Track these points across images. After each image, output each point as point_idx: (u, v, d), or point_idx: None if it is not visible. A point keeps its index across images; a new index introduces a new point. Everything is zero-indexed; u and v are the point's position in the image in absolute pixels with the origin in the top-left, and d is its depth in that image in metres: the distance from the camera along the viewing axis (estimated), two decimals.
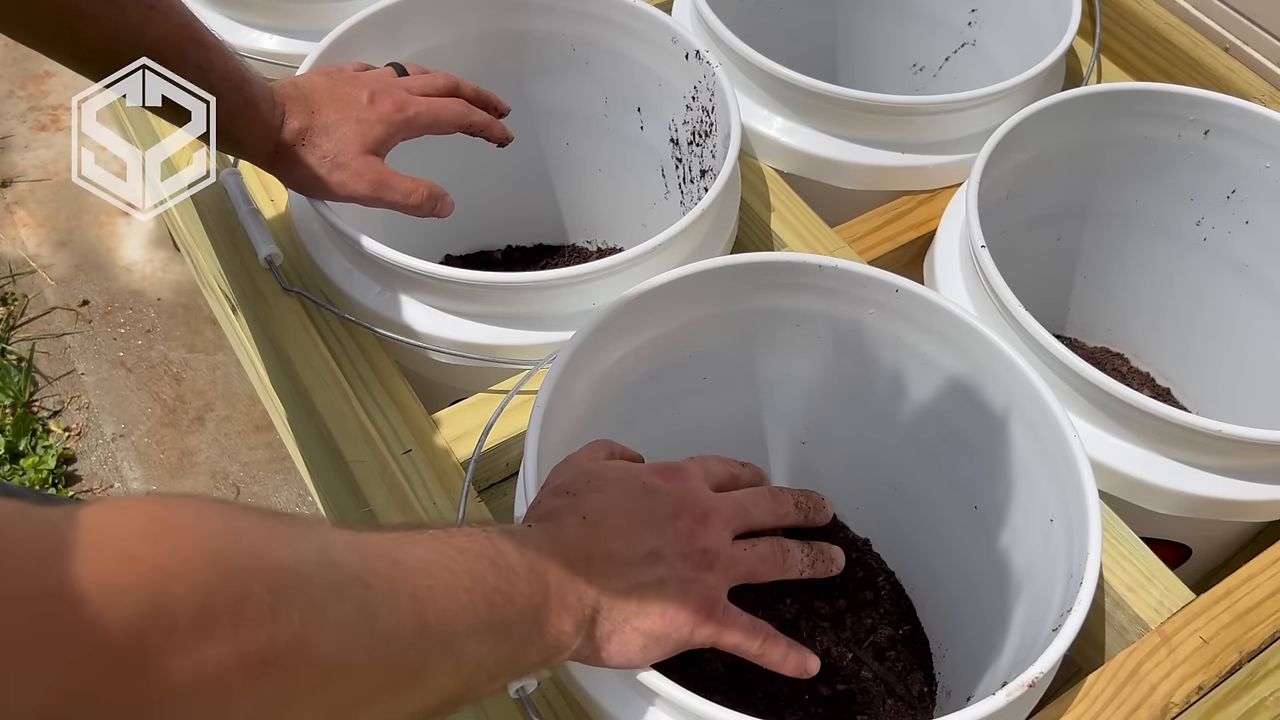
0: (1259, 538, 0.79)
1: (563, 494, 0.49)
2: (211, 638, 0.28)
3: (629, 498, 0.48)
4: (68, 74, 0.58)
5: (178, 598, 0.27)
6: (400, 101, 0.66)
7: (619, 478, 0.50)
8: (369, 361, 0.69)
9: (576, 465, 0.52)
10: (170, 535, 0.28)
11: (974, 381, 0.63)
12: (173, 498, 0.30)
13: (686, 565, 0.48)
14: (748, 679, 0.67)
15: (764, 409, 0.73)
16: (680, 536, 0.48)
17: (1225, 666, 0.58)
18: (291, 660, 0.30)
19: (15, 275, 1.48)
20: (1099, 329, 0.95)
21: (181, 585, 0.27)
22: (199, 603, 0.28)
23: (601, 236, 0.98)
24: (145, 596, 0.26)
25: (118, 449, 1.33)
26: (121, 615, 0.26)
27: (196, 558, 0.28)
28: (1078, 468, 0.55)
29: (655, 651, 0.46)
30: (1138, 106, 0.79)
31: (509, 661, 0.42)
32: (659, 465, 0.52)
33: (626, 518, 0.47)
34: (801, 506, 0.56)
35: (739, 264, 0.63)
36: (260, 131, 0.63)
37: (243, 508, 0.33)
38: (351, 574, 0.34)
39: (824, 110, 0.80)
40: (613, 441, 0.56)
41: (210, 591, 0.28)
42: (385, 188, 0.65)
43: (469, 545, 0.41)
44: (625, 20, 0.80)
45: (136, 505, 0.29)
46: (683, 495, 0.50)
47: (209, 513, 0.30)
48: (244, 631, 0.29)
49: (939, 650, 0.71)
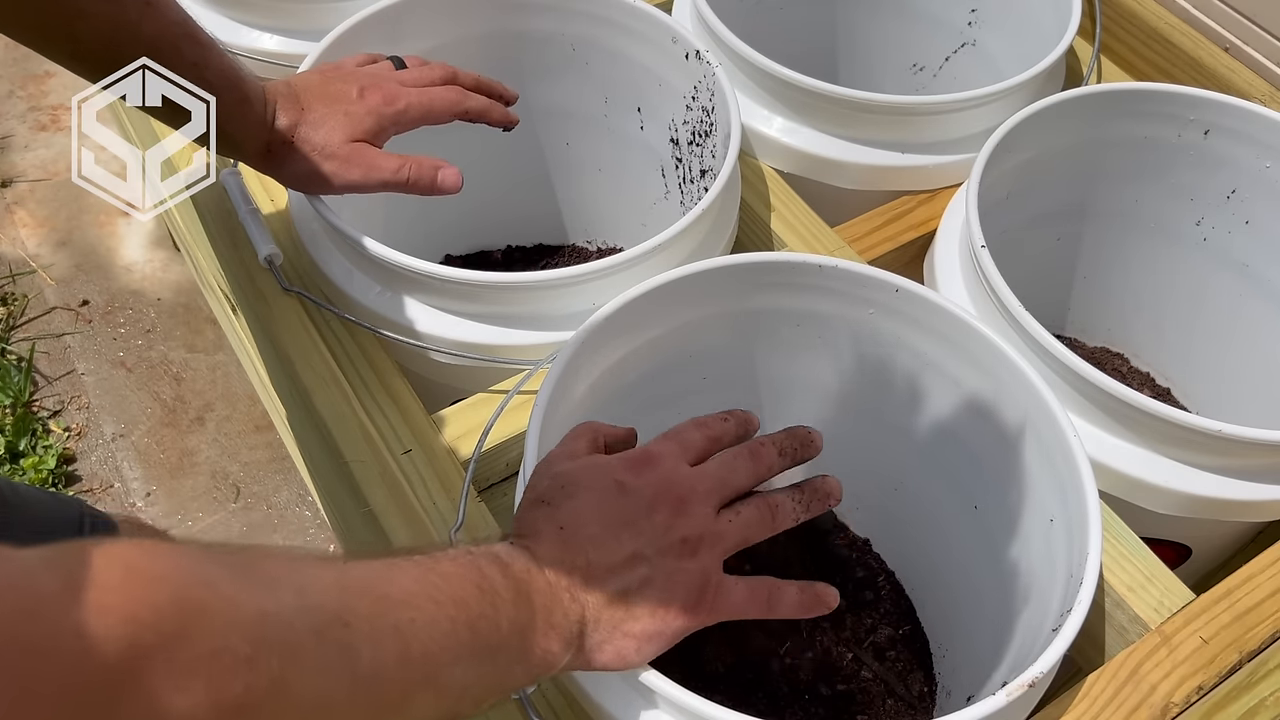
0: (1259, 538, 0.79)
1: (540, 504, 0.48)
2: (185, 690, 0.27)
3: (603, 501, 0.47)
4: (68, 74, 0.58)
5: (148, 647, 0.27)
6: (390, 94, 0.66)
7: (591, 481, 0.48)
8: (369, 361, 0.69)
9: (551, 469, 0.50)
10: (145, 584, 0.28)
11: (974, 382, 0.63)
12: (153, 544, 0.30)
13: (669, 558, 0.47)
14: (748, 679, 0.67)
15: (764, 409, 0.73)
16: (658, 530, 0.47)
17: (1225, 666, 0.58)
18: (271, 706, 0.30)
19: (15, 275, 1.48)
20: (1099, 329, 0.95)
21: (153, 635, 0.27)
22: (172, 654, 0.28)
23: (601, 236, 0.98)
24: (119, 648, 0.26)
25: (118, 449, 1.33)
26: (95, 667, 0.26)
27: (172, 609, 0.28)
28: (1078, 468, 0.55)
29: (650, 650, 0.46)
30: (1138, 106, 0.79)
31: (495, 684, 0.42)
32: (630, 457, 0.50)
33: (602, 523, 0.47)
34: (786, 452, 0.54)
35: (739, 264, 0.63)
36: (253, 130, 0.63)
37: (222, 551, 0.32)
38: (331, 614, 0.34)
39: (824, 110, 0.80)
40: (595, 424, 0.54)
41: (184, 642, 0.28)
42: (373, 169, 0.65)
43: (453, 571, 0.40)
44: (625, 20, 0.80)
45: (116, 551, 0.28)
46: (657, 486, 0.48)
47: (186, 560, 0.30)
48: (220, 681, 0.28)
49: (939, 650, 0.71)
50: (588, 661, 0.45)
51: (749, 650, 0.68)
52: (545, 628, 0.43)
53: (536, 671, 0.43)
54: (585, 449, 0.52)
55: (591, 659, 0.45)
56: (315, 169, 0.64)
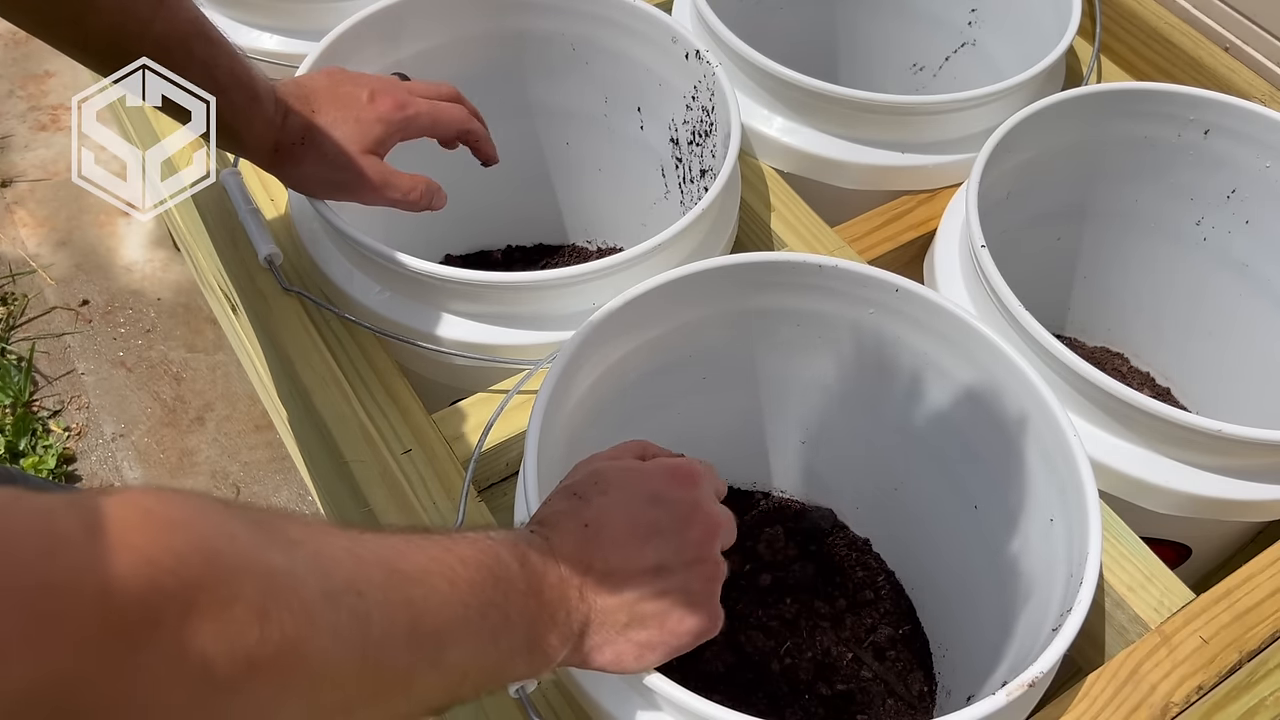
0: (1259, 538, 0.79)
1: (570, 495, 0.48)
2: (199, 633, 0.27)
3: (635, 505, 0.47)
4: (68, 74, 0.58)
5: (168, 591, 0.27)
6: (400, 100, 0.66)
7: (627, 481, 0.48)
8: (369, 361, 0.69)
9: (591, 465, 0.50)
10: (165, 529, 0.28)
11: (974, 381, 0.63)
12: (171, 491, 0.30)
13: (694, 577, 0.46)
14: (748, 679, 0.67)
15: (764, 409, 0.73)
16: (689, 547, 0.47)
17: (1225, 666, 0.58)
18: (281, 663, 0.30)
19: (15, 275, 1.48)
20: (1099, 329, 0.95)
21: (172, 579, 0.27)
22: (189, 597, 0.28)
23: (601, 236, 0.98)
24: (136, 588, 0.26)
25: (118, 449, 1.33)
26: (112, 605, 0.26)
27: (189, 553, 0.28)
28: (1078, 468, 0.55)
29: (650, 660, 0.46)
30: (1138, 106, 0.79)
31: (495, 672, 0.42)
32: (672, 468, 0.49)
33: (630, 527, 0.46)
34: None
35: (739, 264, 0.63)
36: (261, 130, 0.63)
37: (242, 508, 0.32)
38: (346, 581, 0.34)
39: (824, 110, 0.80)
40: (647, 442, 0.53)
41: (200, 587, 0.28)
42: (388, 186, 0.65)
43: (470, 555, 0.40)
44: (625, 20, 0.80)
45: (134, 496, 0.29)
46: (694, 505, 0.48)
47: (206, 510, 0.30)
48: (233, 629, 0.28)
49: (939, 650, 0.71)
50: (585, 659, 0.45)
51: (749, 650, 0.68)
52: (549, 622, 0.43)
53: (537, 663, 0.43)
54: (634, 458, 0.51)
55: (589, 657, 0.45)
56: (325, 177, 0.64)
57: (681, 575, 0.46)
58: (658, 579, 0.46)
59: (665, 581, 0.46)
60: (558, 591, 0.43)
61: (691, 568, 0.46)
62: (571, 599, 0.44)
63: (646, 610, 0.45)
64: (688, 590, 0.46)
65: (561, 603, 0.43)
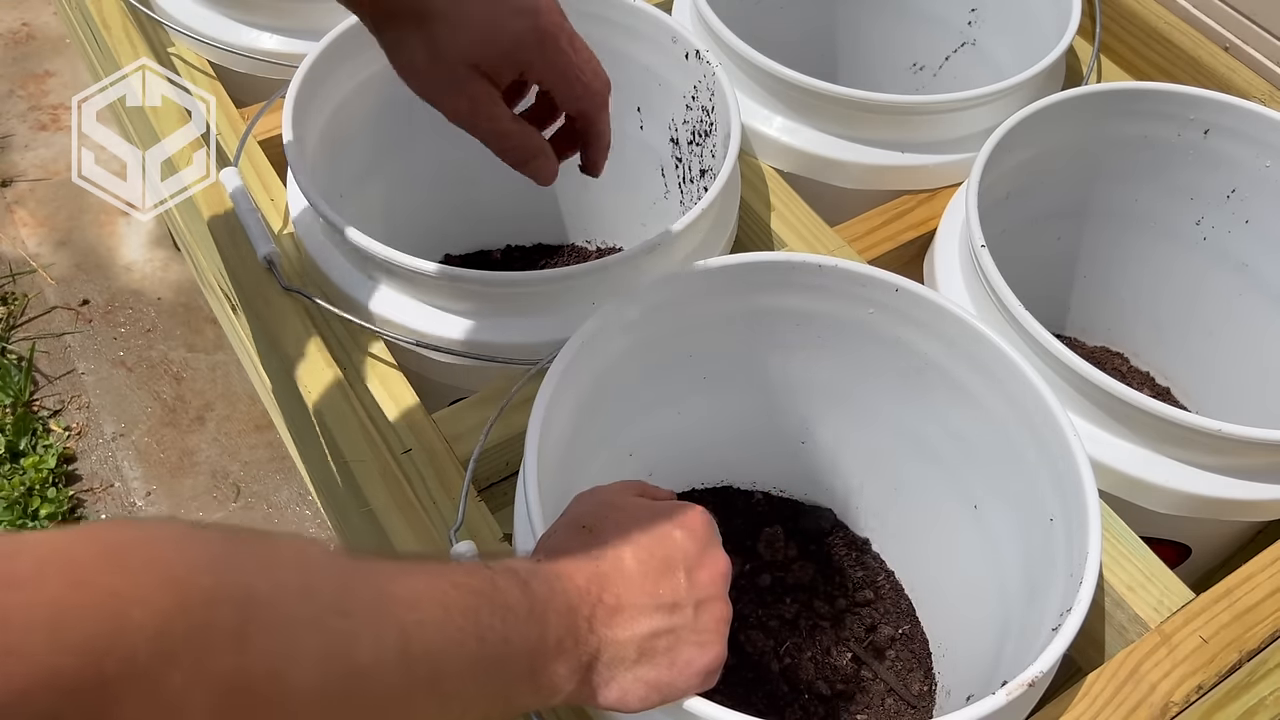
0: (1259, 537, 0.79)
1: (578, 528, 0.47)
2: (175, 664, 0.27)
3: (648, 541, 0.46)
4: (68, 74, 0.58)
5: (136, 623, 0.26)
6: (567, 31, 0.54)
7: (639, 517, 0.47)
8: (369, 361, 0.69)
9: (598, 497, 0.49)
10: (128, 561, 0.27)
11: (974, 381, 0.63)
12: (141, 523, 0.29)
13: (706, 617, 0.46)
14: (748, 679, 0.67)
15: (764, 409, 0.73)
16: (700, 588, 0.46)
17: (1225, 666, 0.58)
18: (264, 689, 0.29)
19: (15, 275, 1.48)
20: (1099, 329, 0.95)
21: (140, 611, 0.27)
22: (159, 628, 0.27)
23: (601, 236, 0.98)
24: (100, 622, 0.26)
25: (118, 448, 1.33)
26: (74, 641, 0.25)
27: (156, 583, 0.27)
28: (1078, 467, 0.55)
29: (655, 699, 0.45)
30: (1138, 106, 0.79)
31: (501, 701, 0.40)
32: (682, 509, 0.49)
33: (642, 563, 0.45)
34: None
35: (739, 264, 0.63)
36: None
37: (221, 532, 0.32)
38: (332, 603, 0.33)
39: (824, 110, 0.80)
40: (645, 483, 0.54)
41: (171, 617, 0.27)
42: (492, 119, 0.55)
43: (466, 581, 0.39)
44: (625, 20, 0.80)
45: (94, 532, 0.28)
46: (706, 545, 0.48)
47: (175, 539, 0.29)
48: (210, 658, 0.28)
49: (939, 649, 0.71)
50: (591, 694, 0.44)
51: (749, 650, 0.68)
52: (556, 652, 0.42)
53: (545, 694, 0.42)
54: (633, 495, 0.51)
55: (596, 694, 0.44)
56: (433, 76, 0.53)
57: (692, 614, 0.46)
58: (670, 616, 0.45)
59: (677, 618, 0.45)
60: (565, 620, 0.42)
61: (702, 606, 0.46)
62: (580, 630, 0.43)
63: (657, 646, 0.44)
64: (698, 629, 0.46)
65: (570, 632, 0.42)
